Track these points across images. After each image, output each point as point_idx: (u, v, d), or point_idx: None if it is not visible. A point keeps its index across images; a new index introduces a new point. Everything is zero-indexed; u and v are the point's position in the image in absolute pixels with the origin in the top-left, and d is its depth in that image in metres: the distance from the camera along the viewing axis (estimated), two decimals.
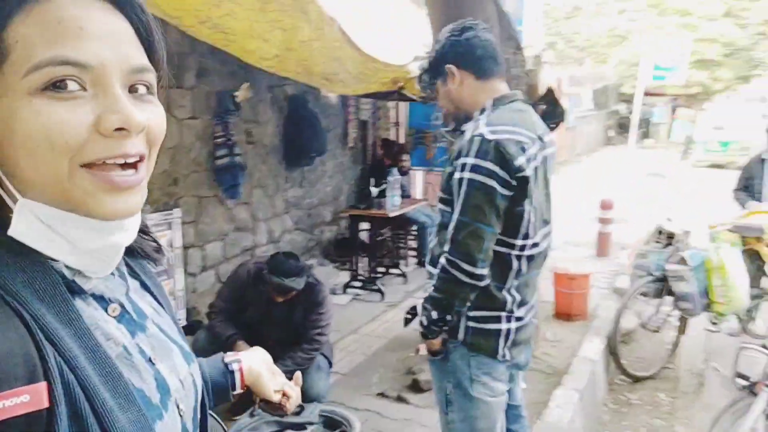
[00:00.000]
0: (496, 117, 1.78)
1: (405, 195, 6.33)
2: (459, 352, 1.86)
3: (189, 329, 4.38)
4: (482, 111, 1.83)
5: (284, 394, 1.02)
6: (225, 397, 0.97)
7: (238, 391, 0.98)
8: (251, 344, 3.20)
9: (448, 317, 1.79)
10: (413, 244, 6.89)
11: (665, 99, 22.77)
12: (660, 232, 4.36)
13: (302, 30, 2.74)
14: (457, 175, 1.72)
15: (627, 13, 22.15)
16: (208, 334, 3.10)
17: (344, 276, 5.93)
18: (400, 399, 3.46)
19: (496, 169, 1.66)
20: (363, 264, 5.83)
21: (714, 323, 4.67)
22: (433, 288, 1.79)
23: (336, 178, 7.04)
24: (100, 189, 0.55)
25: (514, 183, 1.69)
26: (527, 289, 1.90)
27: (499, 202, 1.69)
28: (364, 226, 5.90)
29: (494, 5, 3.28)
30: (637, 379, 4.20)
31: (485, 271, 1.72)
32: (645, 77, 16.00)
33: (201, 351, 3.16)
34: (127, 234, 0.62)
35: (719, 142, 17.65)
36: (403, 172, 6.57)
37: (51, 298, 0.55)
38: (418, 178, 8.09)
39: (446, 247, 1.74)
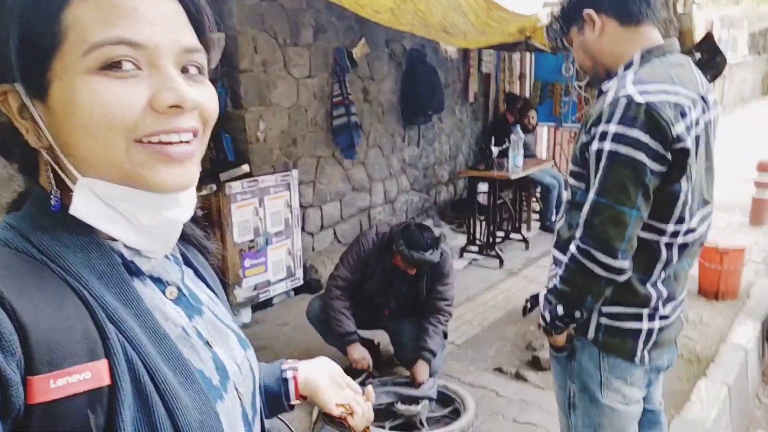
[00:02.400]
0: (647, 73, 1.43)
1: (529, 155, 5.93)
2: (588, 352, 1.58)
3: (306, 287, 4.45)
4: (628, 65, 1.49)
5: (349, 410, 0.91)
6: (280, 406, 0.90)
7: (294, 402, 0.90)
8: (368, 314, 3.17)
9: (577, 314, 1.50)
10: (536, 207, 6.50)
11: None
12: None
13: None
14: (594, 146, 1.40)
15: None
16: (324, 306, 3.05)
17: (461, 239, 5.72)
18: (518, 376, 3.25)
19: (647, 139, 1.33)
20: (481, 228, 5.57)
21: None
22: (559, 279, 1.50)
23: (454, 136, 6.76)
24: (156, 160, 0.56)
25: (669, 157, 1.36)
26: (677, 282, 1.57)
27: (649, 181, 1.36)
28: (483, 187, 5.61)
29: None
30: None
31: (626, 264, 1.42)
32: None
33: (313, 319, 3.17)
34: (182, 210, 0.62)
35: None
36: (528, 130, 6.14)
37: (110, 278, 0.56)
38: (544, 135, 7.57)
39: (578, 232, 1.44)
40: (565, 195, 1.65)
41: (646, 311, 1.53)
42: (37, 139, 0.56)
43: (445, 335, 3.07)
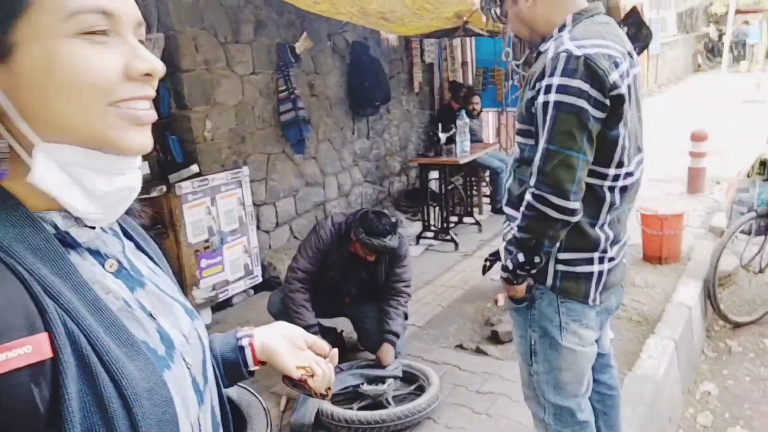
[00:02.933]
0: (580, 31, 1.57)
1: (476, 139, 6.06)
2: (547, 299, 1.71)
3: (265, 285, 4.44)
4: (562, 27, 1.63)
5: (309, 372, 0.91)
6: (239, 374, 0.89)
7: (253, 368, 0.90)
8: (329, 303, 3.20)
9: (537, 259, 1.61)
10: (486, 190, 6.65)
11: (762, 16, 20.56)
12: (763, 164, 3.90)
13: None
14: (541, 99, 1.52)
15: None
16: (284, 299, 3.06)
17: (416, 227, 5.81)
18: (478, 351, 3.34)
19: (587, 87, 1.46)
20: (435, 214, 5.67)
21: None
22: (517, 228, 1.61)
23: (403, 127, 6.84)
24: (128, 123, 0.58)
25: (607, 103, 1.49)
26: (619, 225, 1.73)
27: (592, 126, 1.49)
28: (434, 174, 5.71)
29: None
30: (737, 325, 3.87)
31: (578, 205, 1.54)
32: None
33: (275, 313, 3.18)
34: (136, 175, 0.63)
35: None
36: (473, 116, 6.27)
37: (45, 252, 0.55)
38: (489, 120, 7.73)
39: (532, 180, 1.55)
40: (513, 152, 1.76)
41: (596, 255, 1.66)
42: None
43: (406, 316, 3.14)
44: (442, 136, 5.30)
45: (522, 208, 1.59)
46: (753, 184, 3.89)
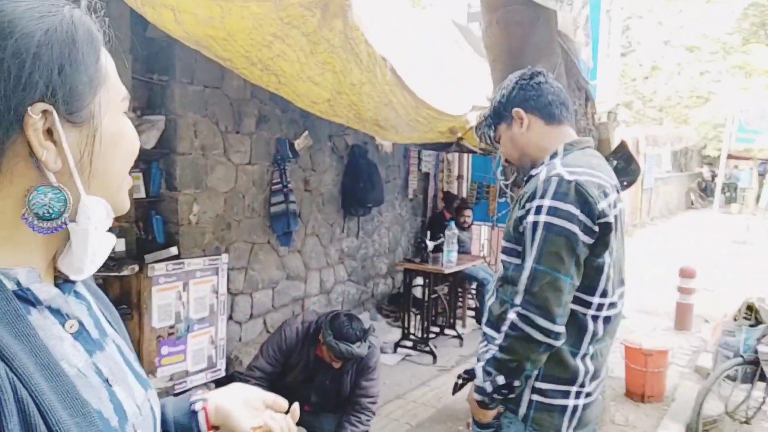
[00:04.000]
0: (572, 159, 1.61)
1: (464, 251, 6.04)
2: (515, 428, 1.61)
3: (228, 380, 4.20)
4: (554, 155, 1.67)
5: (266, 429, 0.89)
6: None
7: (208, 431, 0.87)
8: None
9: (516, 383, 1.54)
10: (472, 303, 6.53)
11: (752, 163, 21.42)
12: (750, 308, 3.84)
13: (352, 72, 2.61)
14: (530, 219, 1.54)
15: (709, 74, 21.28)
16: None
17: (396, 333, 5.63)
18: None
19: (577, 212, 1.49)
20: (416, 322, 5.52)
21: None
22: (499, 348, 1.54)
23: (394, 230, 6.85)
24: (127, 186, 0.70)
25: (595, 229, 1.50)
26: (601, 358, 1.66)
27: (580, 251, 1.50)
28: (420, 281, 5.62)
29: (562, 55, 3.06)
30: None
31: (563, 329, 1.50)
32: (730, 139, 15.15)
33: None
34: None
35: None
36: (464, 228, 6.30)
37: (4, 313, 0.54)
38: (481, 233, 7.77)
39: (517, 299, 1.52)
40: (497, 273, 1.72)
41: (574, 388, 1.60)
42: (55, 159, 0.59)
43: None
44: (430, 244, 5.28)
45: (504, 328, 1.55)
46: (739, 329, 3.80)
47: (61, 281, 0.66)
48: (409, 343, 5.36)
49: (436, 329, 5.73)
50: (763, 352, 3.57)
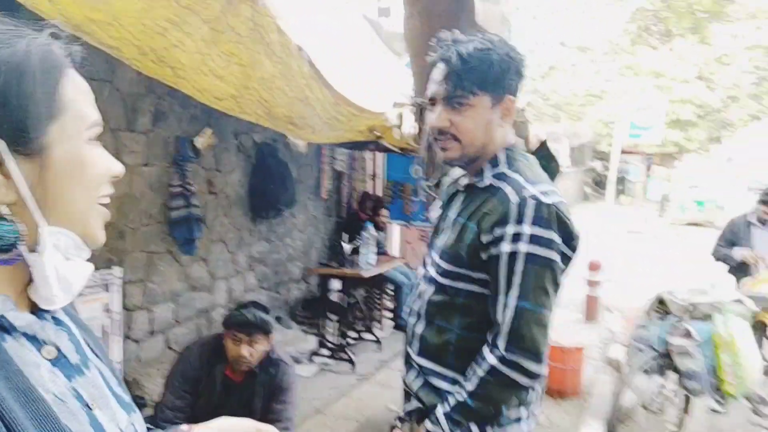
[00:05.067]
0: (530, 174, 1.42)
1: (381, 252, 5.88)
2: None
3: None
4: (494, 160, 1.45)
5: None
6: None
7: None
8: None
9: (489, 430, 1.38)
10: (389, 304, 6.39)
11: (640, 157, 23.07)
12: (662, 302, 3.94)
13: (263, 65, 2.32)
14: (505, 248, 1.34)
15: (602, 74, 22.64)
16: None
17: (311, 342, 5.36)
18: None
19: (558, 239, 1.35)
20: (332, 328, 5.28)
21: (720, 403, 4.23)
22: (470, 395, 1.35)
23: (307, 232, 6.56)
24: (101, 218, 0.69)
25: (570, 255, 1.40)
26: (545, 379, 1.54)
27: (560, 280, 1.39)
28: (336, 285, 5.38)
29: None
30: None
31: (546, 369, 1.37)
32: (621, 135, 16.13)
33: None
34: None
35: (695, 201, 17.79)
36: (381, 228, 6.14)
37: None
38: (395, 232, 7.65)
39: (500, 343, 1.34)
40: (423, 292, 1.52)
41: (526, 412, 1.46)
42: (5, 191, 0.60)
43: None
44: (347, 247, 5.06)
45: (480, 373, 1.36)
46: (652, 322, 3.89)
47: (39, 309, 0.66)
48: (327, 352, 5.11)
49: (354, 335, 5.52)
50: (675, 344, 3.66)
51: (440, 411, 1.41)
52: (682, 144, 21.25)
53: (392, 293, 6.23)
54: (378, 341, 5.52)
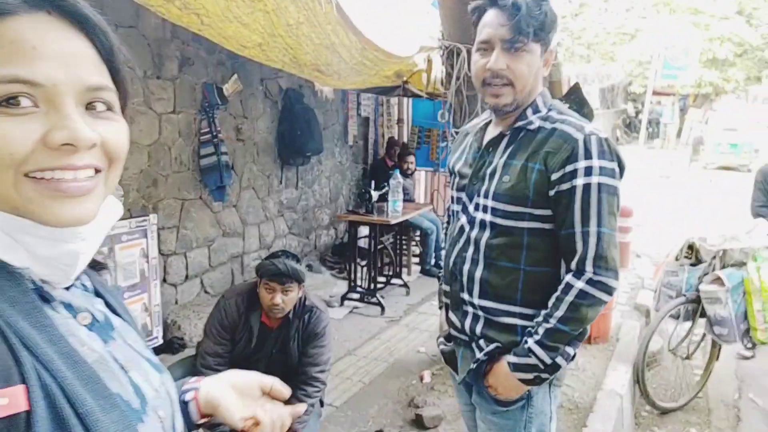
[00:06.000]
0: (567, 112, 1.54)
1: (408, 198, 5.88)
2: (542, 392, 1.59)
3: (167, 347, 3.93)
4: (534, 106, 1.53)
5: (254, 420, 0.85)
6: (188, 428, 0.84)
7: (199, 421, 0.85)
8: None
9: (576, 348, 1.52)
10: (415, 250, 6.45)
11: (674, 98, 22.28)
12: (691, 248, 3.90)
13: (288, 11, 2.28)
14: (580, 182, 1.42)
15: (635, 11, 21.63)
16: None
17: (342, 286, 5.48)
18: None
19: (617, 169, 1.47)
20: (362, 273, 5.37)
21: (749, 348, 4.24)
22: (562, 320, 1.44)
23: (334, 179, 6.59)
24: (45, 196, 0.57)
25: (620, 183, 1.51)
26: None
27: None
28: (364, 231, 5.44)
29: None
30: (664, 411, 3.75)
31: None
32: (655, 76, 15.54)
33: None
34: (85, 243, 0.62)
35: (729, 144, 17.25)
36: (408, 174, 6.12)
37: (22, 305, 0.56)
38: (422, 179, 7.62)
39: (588, 267, 1.43)
40: (477, 237, 1.56)
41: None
42: None
43: (321, 403, 2.77)
44: (374, 194, 5.07)
45: (569, 299, 1.45)
46: (681, 268, 3.86)
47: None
48: (356, 296, 5.22)
49: (383, 280, 5.61)
50: (705, 290, 3.64)
51: (531, 342, 1.47)
52: (718, 84, 20.41)
53: (419, 239, 6.27)
54: (406, 286, 5.61)
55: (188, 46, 4.23)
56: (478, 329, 1.58)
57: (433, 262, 6.07)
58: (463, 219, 1.61)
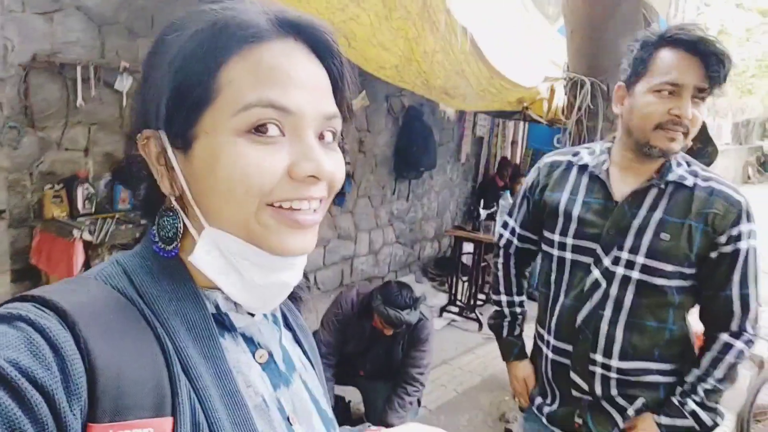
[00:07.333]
0: (702, 165, 1.54)
1: None
2: None
3: None
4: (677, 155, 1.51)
5: None
6: None
7: None
8: (343, 371, 3.06)
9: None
10: None
11: None
12: None
13: (426, 40, 2.53)
14: (744, 245, 1.45)
15: None
16: None
17: (441, 298, 5.66)
18: None
19: None
20: (463, 288, 5.52)
21: None
22: (718, 381, 1.46)
23: (443, 194, 6.80)
24: (284, 225, 0.56)
25: None
26: None
27: None
28: (468, 248, 5.59)
29: (645, 27, 2.89)
30: None
31: None
32: None
33: None
34: (294, 273, 0.60)
35: None
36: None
37: (199, 331, 0.55)
38: None
39: (749, 327, 1.48)
40: (618, 294, 1.49)
41: None
42: (170, 186, 0.57)
43: (419, 402, 2.98)
44: (483, 213, 5.21)
45: (730, 359, 1.46)
46: None
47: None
48: (455, 309, 5.38)
49: (483, 297, 5.72)
50: None
51: (692, 404, 1.47)
52: None
53: None
54: None
55: None
56: (614, 390, 1.54)
57: (535, 284, 6.06)
58: (596, 273, 1.51)
